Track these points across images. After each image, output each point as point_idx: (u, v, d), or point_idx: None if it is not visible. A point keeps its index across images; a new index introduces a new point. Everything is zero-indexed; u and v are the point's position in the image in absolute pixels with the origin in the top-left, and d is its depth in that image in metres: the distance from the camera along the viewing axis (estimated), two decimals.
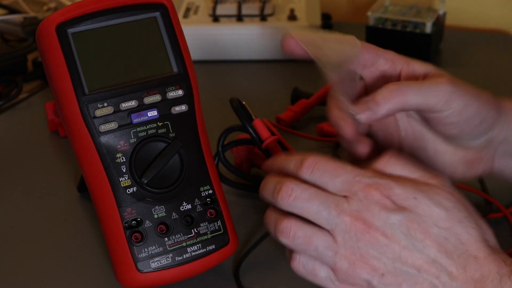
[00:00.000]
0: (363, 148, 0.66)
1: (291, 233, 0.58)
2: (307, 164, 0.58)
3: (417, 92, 0.62)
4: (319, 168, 0.58)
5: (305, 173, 0.58)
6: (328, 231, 0.57)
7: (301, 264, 0.59)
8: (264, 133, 0.76)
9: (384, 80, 0.66)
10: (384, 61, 0.66)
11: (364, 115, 0.62)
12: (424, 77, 0.65)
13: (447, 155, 0.68)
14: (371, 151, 0.66)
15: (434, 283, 0.56)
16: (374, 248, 0.56)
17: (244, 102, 0.77)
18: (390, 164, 0.59)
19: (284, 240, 0.58)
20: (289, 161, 0.60)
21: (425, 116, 0.66)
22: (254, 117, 0.77)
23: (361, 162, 0.61)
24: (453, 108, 0.63)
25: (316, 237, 0.57)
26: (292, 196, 0.58)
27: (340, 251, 0.57)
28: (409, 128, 0.68)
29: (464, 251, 0.56)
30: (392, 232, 0.56)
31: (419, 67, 0.66)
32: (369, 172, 0.58)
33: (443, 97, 0.63)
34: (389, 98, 0.62)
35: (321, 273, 0.58)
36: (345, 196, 0.57)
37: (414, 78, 0.66)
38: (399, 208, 0.56)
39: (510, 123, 0.68)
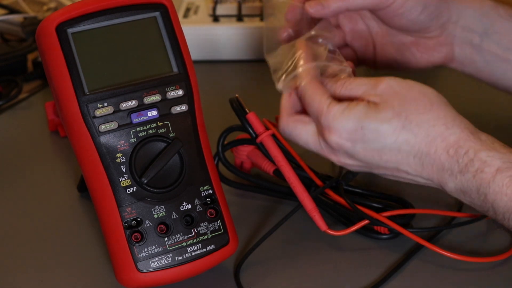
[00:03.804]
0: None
1: None
2: (299, 94, 0.70)
3: None
4: (303, 100, 0.70)
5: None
6: None
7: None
8: (258, 127, 0.75)
9: None
10: None
11: (313, 9, 0.78)
12: None
13: (411, 45, 0.83)
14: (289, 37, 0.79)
15: (408, 177, 0.68)
16: (349, 166, 0.69)
17: (237, 96, 0.76)
18: (346, 86, 0.69)
19: None
20: None
21: (379, 15, 0.81)
22: (248, 111, 0.75)
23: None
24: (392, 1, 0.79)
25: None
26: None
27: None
28: (378, 28, 0.84)
29: (417, 151, 0.65)
30: (356, 158, 0.68)
31: None
32: (326, 112, 0.67)
33: None
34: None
35: None
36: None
37: None
38: (353, 142, 0.66)
39: (460, 8, 0.82)
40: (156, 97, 0.66)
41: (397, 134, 0.66)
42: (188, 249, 0.66)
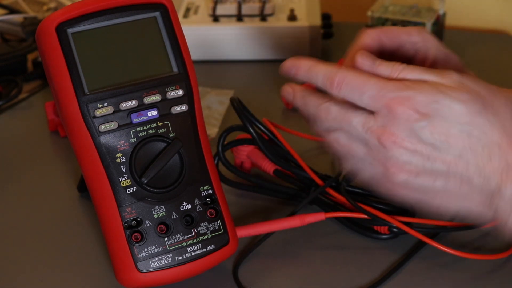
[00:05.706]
0: None
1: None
2: (336, 83, 0.64)
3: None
4: (347, 85, 0.64)
5: (335, 91, 0.64)
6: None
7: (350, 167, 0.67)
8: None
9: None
10: (410, 45, 0.72)
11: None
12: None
13: None
14: None
15: (464, 174, 0.62)
16: (404, 155, 0.62)
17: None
18: (406, 71, 0.64)
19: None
20: (316, 74, 0.66)
21: None
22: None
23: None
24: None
25: (354, 147, 0.65)
26: (329, 118, 0.65)
27: (376, 160, 0.63)
28: None
29: (488, 141, 0.61)
30: (418, 139, 0.62)
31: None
32: (391, 85, 0.62)
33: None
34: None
35: (365, 175, 0.66)
36: (372, 112, 0.63)
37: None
38: (422, 116, 0.61)
39: None
40: (156, 97, 0.66)
41: (471, 117, 0.61)
42: (188, 249, 0.66)
